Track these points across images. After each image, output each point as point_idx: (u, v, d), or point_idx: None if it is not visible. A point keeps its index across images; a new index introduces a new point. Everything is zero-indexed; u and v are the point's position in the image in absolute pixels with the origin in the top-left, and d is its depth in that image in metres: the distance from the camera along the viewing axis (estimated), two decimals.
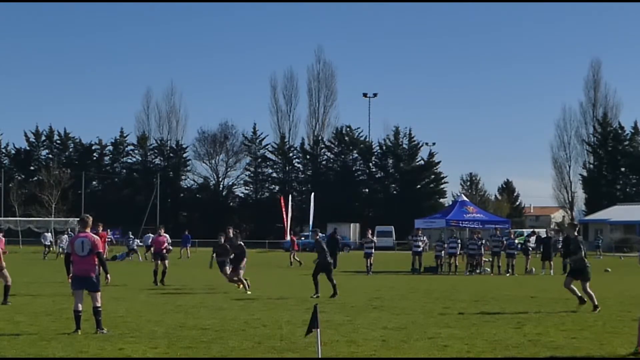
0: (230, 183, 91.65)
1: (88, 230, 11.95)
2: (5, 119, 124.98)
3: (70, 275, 11.95)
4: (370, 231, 32.71)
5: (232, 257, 19.77)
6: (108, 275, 12.54)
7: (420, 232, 32.30)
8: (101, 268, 11.86)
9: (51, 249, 48.51)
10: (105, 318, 13.30)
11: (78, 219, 53.28)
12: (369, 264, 29.80)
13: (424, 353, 9.91)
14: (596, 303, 14.90)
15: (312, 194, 69.92)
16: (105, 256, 13.96)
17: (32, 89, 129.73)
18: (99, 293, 11.73)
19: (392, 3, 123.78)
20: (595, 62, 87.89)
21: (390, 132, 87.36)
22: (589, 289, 15.14)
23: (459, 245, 30.67)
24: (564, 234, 35.89)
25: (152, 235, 45.25)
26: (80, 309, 11.57)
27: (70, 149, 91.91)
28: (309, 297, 17.58)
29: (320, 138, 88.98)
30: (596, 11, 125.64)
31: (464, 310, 14.98)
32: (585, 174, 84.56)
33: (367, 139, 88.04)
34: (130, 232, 47.30)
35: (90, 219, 12.09)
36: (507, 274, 28.51)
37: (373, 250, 30.48)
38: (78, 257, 11.68)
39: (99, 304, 11.62)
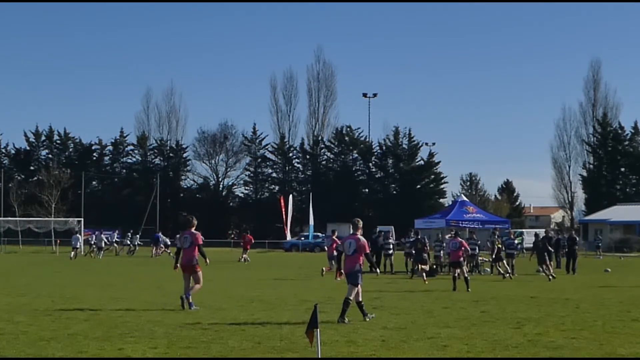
0: (230, 183, 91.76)
1: (359, 232, 13.35)
2: (5, 119, 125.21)
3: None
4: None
5: None
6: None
7: (412, 232, 32.37)
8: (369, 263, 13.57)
9: (78, 250, 48.65)
10: (105, 318, 13.35)
11: (78, 219, 53.15)
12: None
13: (423, 353, 9.91)
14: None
15: (311, 194, 69.97)
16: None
17: (32, 89, 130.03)
18: (359, 287, 13.11)
19: (392, 3, 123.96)
20: (595, 62, 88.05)
21: (390, 132, 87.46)
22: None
23: None
24: (565, 234, 35.93)
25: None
26: (352, 298, 12.95)
27: (70, 149, 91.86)
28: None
29: (320, 138, 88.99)
30: (596, 11, 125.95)
31: (464, 310, 14.98)
32: (585, 174, 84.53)
33: (367, 139, 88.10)
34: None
35: (359, 222, 13.45)
36: (507, 274, 28.47)
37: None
38: (346, 257, 13.24)
39: (359, 297, 13.07)
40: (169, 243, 46.74)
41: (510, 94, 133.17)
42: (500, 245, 29.03)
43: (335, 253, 25.10)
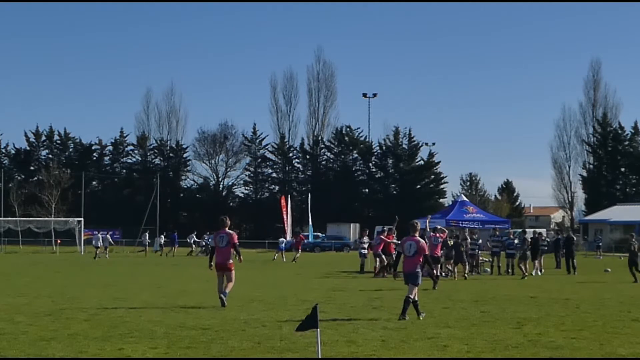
0: (230, 183, 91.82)
1: (417, 234, 13.88)
2: (5, 119, 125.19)
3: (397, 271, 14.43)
4: (367, 232, 33.41)
5: None
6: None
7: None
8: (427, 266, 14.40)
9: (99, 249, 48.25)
10: (105, 318, 13.35)
11: (78, 219, 53.24)
12: (362, 264, 30.25)
13: (423, 353, 9.91)
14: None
15: (309, 194, 69.99)
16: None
17: (32, 89, 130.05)
18: (415, 289, 13.41)
19: (392, 3, 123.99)
20: (595, 62, 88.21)
21: (390, 132, 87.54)
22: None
23: None
24: (563, 234, 35.91)
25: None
26: (412, 296, 13.30)
27: (70, 149, 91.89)
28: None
29: (320, 138, 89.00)
30: (596, 11, 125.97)
31: (464, 310, 14.98)
32: (585, 174, 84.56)
33: (367, 139, 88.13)
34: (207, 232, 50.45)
35: (418, 224, 14.02)
36: (507, 274, 28.47)
37: (367, 250, 30.95)
38: (407, 258, 13.60)
39: (411, 295, 13.30)
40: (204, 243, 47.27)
41: (510, 94, 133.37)
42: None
43: (380, 251, 27.52)
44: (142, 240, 52.64)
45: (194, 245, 52.07)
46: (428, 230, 25.58)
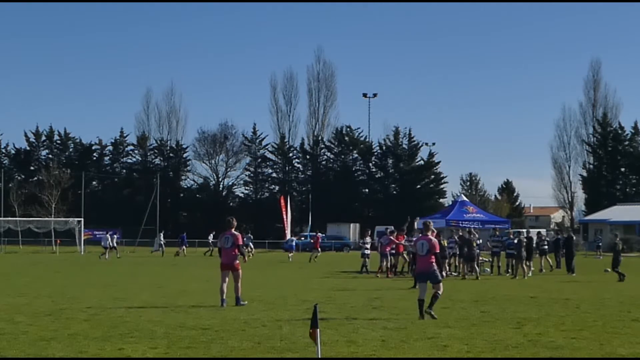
0: (230, 183, 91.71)
1: (429, 233, 13.99)
2: (5, 119, 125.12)
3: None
4: (369, 232, 33.48)
5: None
6: None
7: (417, 232, 32.49)
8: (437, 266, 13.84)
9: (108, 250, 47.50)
10: (105, 318, 13.36)
11: (78, 219, 53.04)
12: (365, 264, 30.28)
13: (423, 353, 9.91)
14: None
15: (310, 194, 70.03)
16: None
17: (32, 89, 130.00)
18: (441, 284, 13.67)
19: (392, 3, 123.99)
20: (595, 62, 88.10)
21: (390, 132, 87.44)
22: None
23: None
24: (564, 234, 35.90)
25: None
26: (423, 298, 13.36)
27: (70, 149, 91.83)
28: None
29: (320, 138, 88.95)
30: (596, 11, 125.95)
31: (464, 310, 14.99)
32: (585, 174, 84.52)
33: (367, 139, 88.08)
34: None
35: (431, 223, 14.36)
36: (507, 274, 28.46)
37: (369, 250, 31.03)
38: (420, 257, 13.84)
39: (439, 292, 13.54)
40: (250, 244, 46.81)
41: (510, 94, 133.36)
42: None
43: (387, 252, 27.70)
44: (158, 239, 52.49)
45: (212, 246, 52.24)
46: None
